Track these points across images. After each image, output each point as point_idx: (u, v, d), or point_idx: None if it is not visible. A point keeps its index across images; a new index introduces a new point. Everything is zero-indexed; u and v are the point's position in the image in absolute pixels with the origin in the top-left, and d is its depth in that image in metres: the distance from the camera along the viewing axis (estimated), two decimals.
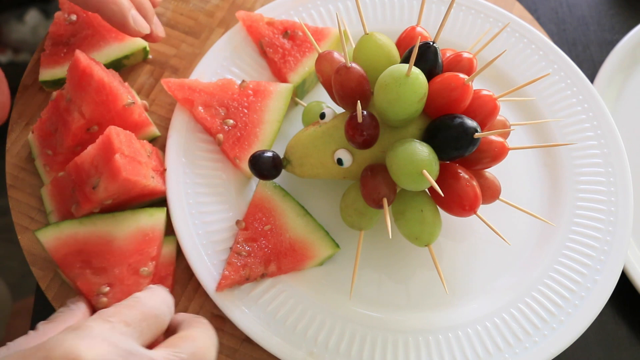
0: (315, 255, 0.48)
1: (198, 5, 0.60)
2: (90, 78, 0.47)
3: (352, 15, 0.58)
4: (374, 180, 0.42)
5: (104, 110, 0.49)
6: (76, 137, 0.49)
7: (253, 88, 0.52)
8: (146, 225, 0.46)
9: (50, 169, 0.50)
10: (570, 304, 0.47)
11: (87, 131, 0.49)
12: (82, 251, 0.45)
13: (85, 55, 0.49)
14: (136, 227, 0.46)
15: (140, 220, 0.46)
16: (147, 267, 0.45)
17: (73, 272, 0.45)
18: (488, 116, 0.42)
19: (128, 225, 0.46)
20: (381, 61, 0.43)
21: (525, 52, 0.57)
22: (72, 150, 0.50)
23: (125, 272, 0.45)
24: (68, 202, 0.48)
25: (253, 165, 0.45)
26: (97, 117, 0.49)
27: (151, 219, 0.46)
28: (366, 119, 0.40)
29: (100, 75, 0.48)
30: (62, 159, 0.50)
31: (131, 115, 0.50)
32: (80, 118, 0.48)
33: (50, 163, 0.51)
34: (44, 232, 0.46)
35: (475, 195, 0.41)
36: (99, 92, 0.48)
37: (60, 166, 0.50)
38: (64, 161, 0.50)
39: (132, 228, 0.46)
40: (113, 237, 0.45)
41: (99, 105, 0.48)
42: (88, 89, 0.48)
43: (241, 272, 0.46)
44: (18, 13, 0.94)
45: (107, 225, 0.46)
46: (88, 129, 0.49)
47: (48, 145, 0.51)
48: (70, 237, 0.46)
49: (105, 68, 0.51)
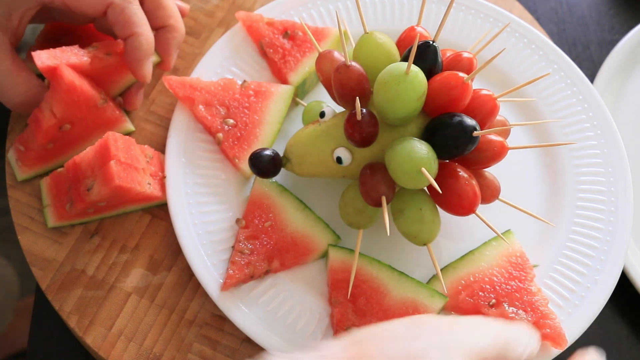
0: (317, 248, 0.48)
1: (198, 5, 0.60)
2: (60, 79, 0.47)
3: (352, 15, 0.58)
4: (373, 178, 0.42)
5: (75, 109, 0.49)
6: (47, 135, 0.49)
7: (254, 88, 0.52)
8: (422, 302, 0.45)
9: (22, 164, 0.51)
10: (570, 304, 0.47)
11: (60, 129, 0.49)
12: (356, 286, 0.46)
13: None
14: (413, 298, 0.45)
15: (419, 294, 0.45)
16: None
17: (337, 298, 0.45)
18: (487, 115, 0.42)
19: (408, 291, 0.45)
20: (381, 60, 0.43)
21: (525, 52, 0.57)
22: (44, 147, 0.50)
23: None
24: (64, 199, 0.49)
25: (253, 163, 0.45)
26: (68, 116, 0.49)
27: (430, 301, 0.45)
28: (365, 116, 0.40)
29: (71, 77, 0.47)
30: (33, 155, 0.50)
31: (104, 114, 0.51)
32: (51, 117, 0.49)
33: (22, 159, 0.51)
34: (336, 250, 0.47)
35: (475, 195, 0.41)
36: (70, 92, 0.48)
37: (32, 162, 0.51)
38: (35, 157, 0.51)
39: (409, 295, 0.45)
40: (389, 291, 0.46)
41: (69, 105, 0.48)
42: (58, 90, 0.48)
43: (245, 270, 0.46)
44: None
45: (391, 278, 0.46)
46: (60, 127, 0.49)
47: (20, 140, 0.51)
48: (353, 267, 0.45)
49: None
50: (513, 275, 0.47)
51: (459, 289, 0.47)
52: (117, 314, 0.47)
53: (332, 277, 0.46)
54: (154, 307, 0.48)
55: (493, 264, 0.48)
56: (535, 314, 0.45)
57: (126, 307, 0.47)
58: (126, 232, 0.50)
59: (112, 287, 0.48)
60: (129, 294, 0.48)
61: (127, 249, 0.50)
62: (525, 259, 0.48)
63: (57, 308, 0.47)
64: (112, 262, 0.49)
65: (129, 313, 0.47)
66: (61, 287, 0.48)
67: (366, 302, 0.45)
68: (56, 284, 0.48)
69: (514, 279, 0.47)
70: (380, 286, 0.46)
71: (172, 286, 0.48)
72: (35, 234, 0.50)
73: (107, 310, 0.47)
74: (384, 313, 0.45)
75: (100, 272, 0.48)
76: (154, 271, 0.49)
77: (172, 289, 0.48)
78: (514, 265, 0.48)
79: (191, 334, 0.47)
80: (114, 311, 0.47)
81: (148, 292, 0.48)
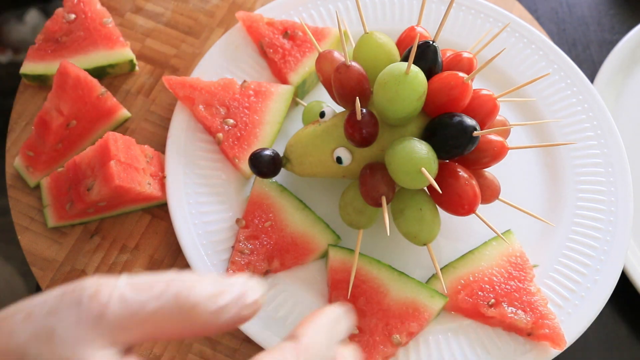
0: (317, 248, 0.48)
1: (198, 5, 0.60)
2: (66, 76, 0.49)
3: (352, 15, 0.58)
4: (373, 178, 0.42)
5: (80, 104, 0.50)
6: (57, 135, 0.50)
7: (254, 88, 0.52)
8: (422, 302, 0.45)
9: (33, 170, 0.51)
10: (570, 304, 0.47)
11: (67, 127, 0.51)
12: (356, 286, 0.46)
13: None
14: (413, 298, 0.45)
15: (419, 294, 0.46)
16: (399, 337, 0.44)
17: (337, 298, 0.46)
18: (488, 115, 0.42)
19: (408, 291, 0.46)
20: (381, 60, 0.43)
21: (525, 52, 0.57)
22: (54, 148, 0.51)
23: (380, 328, 0.44)
24: (64, 199, 0.49)
25: (253, 163, 0.45)
26: (74, 112, 0.50)
27: (430, 301, 0.45)
28: (365, 116, 0.40)
29: (75, 71, 0.49)
30: (45, 158, 0.51)
31: (105, 104, 0.52)
32: (59, 116, 0.50)
33: (34, 164, 0.51)
34: (336, 251, 0.47)
35: (475, 195, 0.41)
36: (76, 87, 0.50)
37: (44, 165, 0.51)
38: (47, 160, 0.51)
39: (409, 295, 0.46)
40: (389, 291, 0.46)
41: (76, 101, 0.50)
42: (65, 87, 0.49)
43: (245, 270, 0.46)
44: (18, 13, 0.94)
45: (391, 278, 0.46)
46: (67, 124, 0.50)
47: (27, 147, 0.52)
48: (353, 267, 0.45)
49: None
50: (512, 275, 0.47)
51: (458, 288, 0.47)
52: None
53: (332, 277, 0.46)
54: None
55: (493, 264, 0.48)
56: (534, 314, 0.45)
57: None
58: (126, 232, 0.50)
59: None
60: None
61: (127, 249, 0.50)
62: (525, 259, 0.48)
63: None
64: (112, 262, 0.49)
65: None
66: None
67: (366, 302, 0.45)
68: (56, 284, 0.48)
69: (514, 278, 0.47)
70: (380, 286, 0.46)
71: None
72: (35, 234, 0.50)
73: None
74: (384, 313, 0.45)
75: (100, 272, 0.48)
76: (154, 271, 0.49)
77: None
78: (514, 265, 0.48)
79: None
80: None
81: None
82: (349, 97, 0.42)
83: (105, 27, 0.55)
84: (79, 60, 0.53)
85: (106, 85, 0.54)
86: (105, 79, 0.56)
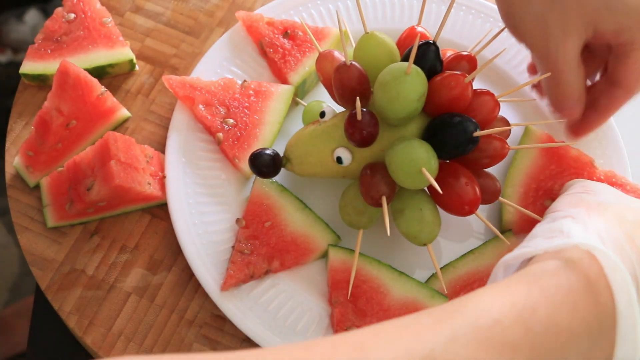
0: (317, 248, 0.48)
1: (198, 5, 0.60)
2: (66, 76, 0.49)
3: (352, 15, 0.58)
4: (373, 178, 0.42)
5: (80, 103, 0.50)
6: (57, 134, 0.50)
7: (254, 88, 0.52)
8: (422, 302, 0.45)
9: (33, 169, 0.51)
10: None
11: (67, 127, 0.50)
12: (357, 286, 0.45)
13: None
14: (413, 298, 0.45)
15: (419, 294, 0.45)
16: None
17: (337, 298, 0.45)
18: (488, 116, 0.42)
19: (409, 291, 0.45)
20: (382, 60, 0.43)
21: (525, 52, 0.57)
22: (54, 148, 0.51)
23: None
24: (63, 198, 0.49)
25: (253, 163, 0.45)
26: (74, 111, 0.50)
27: (430, 301, 0.45)
28: (365, 116, 0.40)
29: (75, 70, 0.49)
30: (45, 157, 0.51)
31: (105, 104, 0.52)
32: (59, 116, 0.50)
33: (33, 164, 0.51)
34: (336, 251, 0.47)
35: (475, 195, 0.41)
36: (76, 87, 0.49)
37: (44, 165, 0.51)
38: (46, 160, 0.51)
39: (409, 295, 0.45)
40: (389, 291, 0.46)
41: (76, 101, 0.50)
42: (65, 86, 0.49)
43: (245, 270, 0.46)
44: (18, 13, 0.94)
45: (391, 278, 0.46)
46: (67, 124, 0.50)
47: (27, 146, 0.51)
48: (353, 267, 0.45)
49: None
50: None
51: (458, 288, 0.47)
52: (116, 314, 0.47)
53: (332, 277, 0.46)
54: (154, 307, 0.48)
55: (493, 264, 0.48)
56: None
57: (126, 307, 0.47)
58: (126, 232, 0.50)
59: (111, 287, 0.48)
60: (129, 294, 0.48)
61: (127, 249, 0.50)
62: None
63: (57, 308, 0.47)
64: (112, 262, 0.49)
65: (128, 313, 0.47)
66: (61, 287, 0.48)
67: (366, 302, 0.45)
68: (56, 284, 0.48)
69: None
70: (381, 286, 0.46)
71: (172, 286, 0.48)
72: (35, 233, 0.50)
73: (107, 310, 0.47)
74: (384, 313, 0.45)
75: (100, 272, 0.48)
76: (153, 271, 0.49)
77: (172, 289, 0.48)
78: None
79: (191, 334, 0.47)
80: (113, 311, 0.47)
81: (148, 292, 0.48)
82: (349, 97, 0.42)
83: (105, 26, 0.55)
84: (79, 59, 0.53)
85: (106, 85, 0.54)
86: (104, 79, 0.56)
